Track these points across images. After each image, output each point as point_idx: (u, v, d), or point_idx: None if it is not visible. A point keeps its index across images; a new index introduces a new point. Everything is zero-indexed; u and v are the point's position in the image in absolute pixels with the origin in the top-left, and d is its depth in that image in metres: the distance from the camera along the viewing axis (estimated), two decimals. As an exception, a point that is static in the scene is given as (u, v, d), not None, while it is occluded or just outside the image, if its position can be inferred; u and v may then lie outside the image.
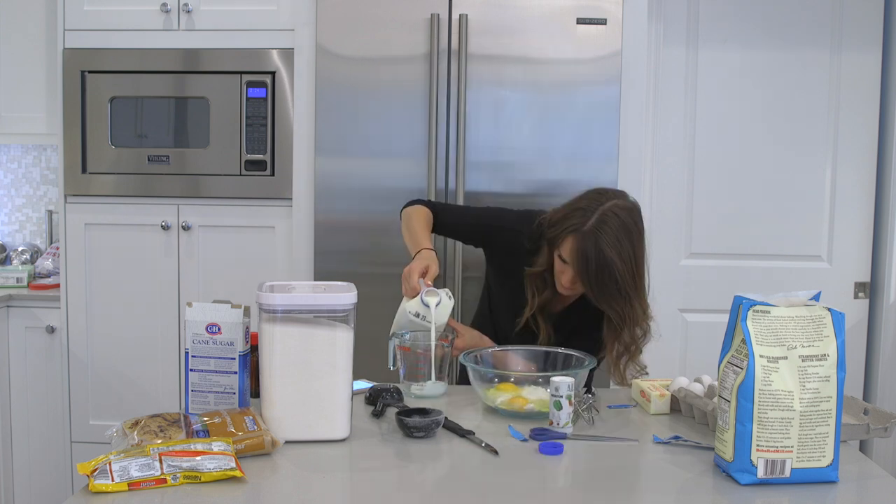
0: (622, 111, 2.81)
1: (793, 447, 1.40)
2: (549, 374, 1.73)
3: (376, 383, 1.89)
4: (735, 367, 1.43)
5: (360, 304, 1.61)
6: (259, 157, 2.98)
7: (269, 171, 2.99)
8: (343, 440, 1.60)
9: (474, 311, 2.36)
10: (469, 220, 2.20)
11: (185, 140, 3.02)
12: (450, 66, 2.79)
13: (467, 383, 1.91)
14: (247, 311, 1.69)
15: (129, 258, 3.05)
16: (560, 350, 1.94)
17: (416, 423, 1.62)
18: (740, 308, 1.44)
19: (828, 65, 3.15)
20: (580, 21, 2.77)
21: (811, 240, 3.22)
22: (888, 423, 1.61)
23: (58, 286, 3.13)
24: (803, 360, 1.40)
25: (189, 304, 1.70)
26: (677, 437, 1.64)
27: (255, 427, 1.51)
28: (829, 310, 1.44)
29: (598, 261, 1.85)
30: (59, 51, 3.01)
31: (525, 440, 1.62)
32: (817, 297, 1.48)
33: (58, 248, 3.27)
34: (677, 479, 1.47)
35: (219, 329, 1.67)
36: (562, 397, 1.65)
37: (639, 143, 2.87)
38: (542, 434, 1.63)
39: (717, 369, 1.49)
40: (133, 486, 1.32)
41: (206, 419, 1.53)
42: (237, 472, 1.37)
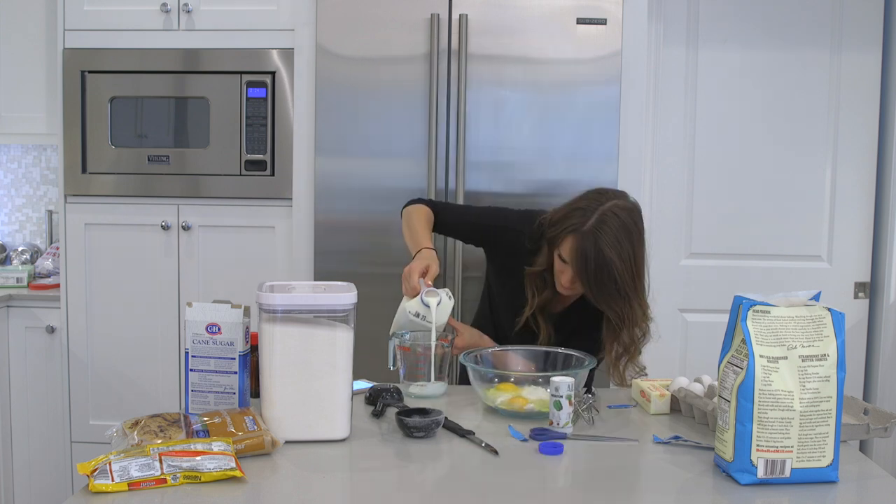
0: (622, 111, 2.81)
1: (793, 447, 1.40)
2: (549, 374, 1.73)
3: (376, 383, 1.89)
4: (735, 367, 1.43)
5: (360, 304, 1.61)
6: (259, 157, 2.98)
7: (269, 171, 2.99)
8: (343, 440, 1.60)
9: (474, 311, 2.36)
10: (470, 220, 2.20)
11: (185, 140, 3.02)
12: (450, 66, 2.79)
13: (467, 383, 1.91)
14: (247, 311, 1.69)
15: (129, 258, 3.06)
16: (560, 350, 1.94)
17: (416, 423, 1.62)
18: (740, 308, 1.44)
19: (828, 65, 3.16)
20: (580, 21, 2.77)
21: (811, 240, 3.22)
22: (888, 423, 1.61)
23: (58, 286, 3.13)
24: (803, 360, 1.40)
25: (189, 304, 1.70)
26: (677, 437, 1.64)
27: (255, 427, 1.51)
28: (829, 310, 1.44)
29: (598, 261, 1.85)
30: (59, 51, 3.01)
31: (525, 440, 1.62)
32: (817, 297, 1.48)
33: (58, 248, 3.27)
34: (677, 479, 1.47)
35: (219, 329, 1.67)
36: (562, 397, 1.65)
37: (639, 143, 2.87)
38: (542, 434, 1.63)
39: (717, 369, 1.49)
40: (133, 486, 1.32)
41: (206, 419, 1.53)
42: (237, 472, 1.37)
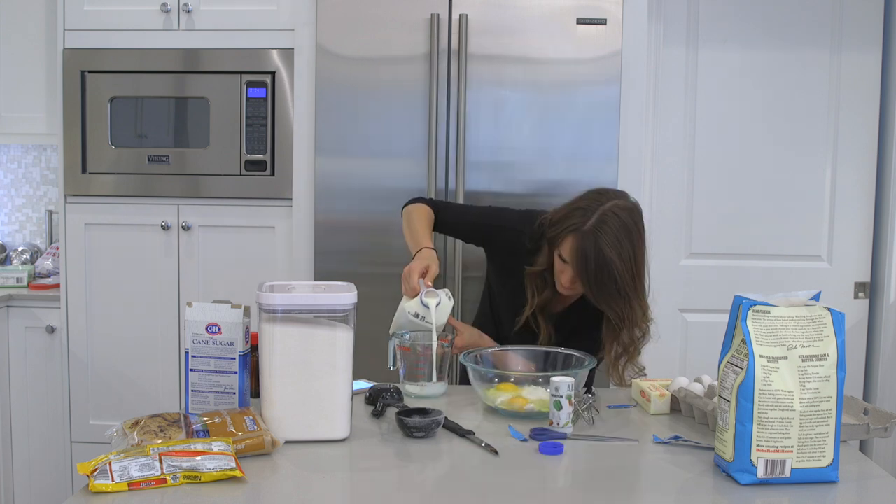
0: (622, 111, 2.81)
1: (793, 447, 1.40)
2: (549, 374, 1.73)
3: (376, 383, 1.89)
4: (735, 367, 1.43)
5: (360, 304, 1.61)
6: (259, 157, 2.98)
7: (269, 171, 2.99)
8: (343, 440, 1.60)
9: (474, 311, 2.36)
10: (470, 219, 2.20)
11: (185, 140, 3.02)
12: (450, 66, 2.79)
13: (467, 383, 1.91)
14: (247, 311, 1.69)
15: (129, 258, 3.05)
16: (560, 350, 1.94)
17: (416, 423, 1.62)
18: (740, 308, 1.44)
19: (828, 65, 3.16)
20: (580, 21, 2.77)
21: (811, 240, 3.22)
22: (888, 423, 1.61)
23: (58, 286, 3.13)
24: (803, 360, 1.40)
25: (189, 304, 1.70)
26: (677, 437, 1.64)
27: (255, 427, 1.51)
28: (829, 310, 1.44)
29: (598, 260, 1.85)
30: (59, 51, 3.01)
31: (525, 440, 1.62)
32: (817, 297, 1.48)
33: (58, 248, 3.27)
34: (677, 479, 1.47)
35: (219, 329, 1.67)
36: (562, 397, 1.65)
37: (639, 143, 2.87)
38: (542, 434, 1.63)
39: (717, 369, 1.49)
40: (133, 486, 1.32)
41: (206, 419, 1.53)
42: (237, 472, 1.37)
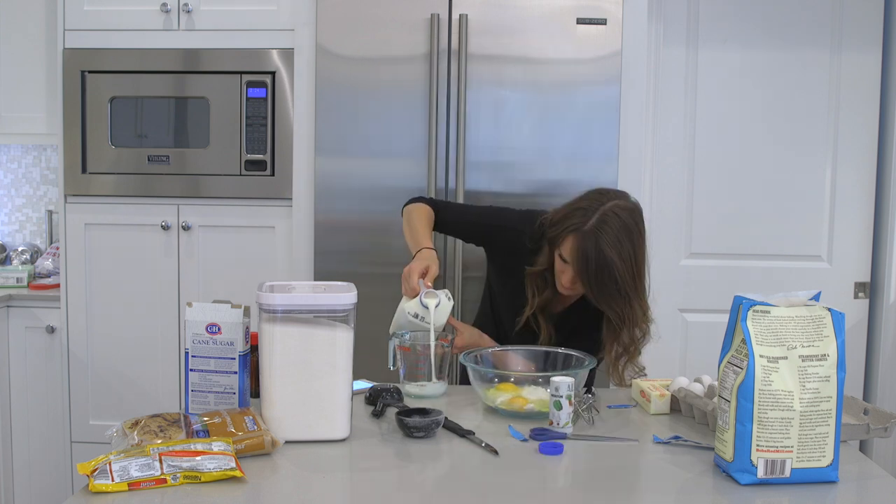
0: (622, 111, 2.81)
1: (793, 447, 1.40)
2: (549, 374, 1.73)
3: (376, 383, 1.89)
4: (735, 367, 1.43)
5: (360, 304, 1.61)
6: (259, 157, 2.98)
7: (269, 171, 2.99)
8: (343, 440, 1.60)
9: (474, 311, 2.36)
10: (470, 219, 2.20)
11: (185, 140, 3.02)
12: (450, 66, 2.79)
13: (467, 383, 1.91)
14: (247, 311, 1.69)
15: (129, 258, 3.05)
16: (560, 350, 1.94)
17: (416, 423, 1.61)
18: (740, 308, 1.44)
19: (828, 65, 3.15)
20: (580, 21, 2.77)
21: (811, 240, 3.22)
22: (888, 423, 1.61)
23: (58, 286, 3.13)
24: (803, 360, 1.40)
25: (189, 304, 1.70)
26: (677, 437, 1.64)
27: (255, 427, 1.51)
28: (829, 310, 1.43)
29: (598, 260, 1.85)
30: (59, 51, 3.01)
31: (525, 440, 1.62)
32: (817, 297, 1.48)
33: (58, 248, 3.27)
34: (677, 479, 1.47)
35: (219, 329, 1.67)
36: (562, 397, 1.65)
37: (639, 143, 2.87)
38: (542, 434, 1.63)
39: (717, 369, 1.49)
40: (133, 486, 1.32)
41: (206, 419, 1.53)
42: (237, 472, 1.37)
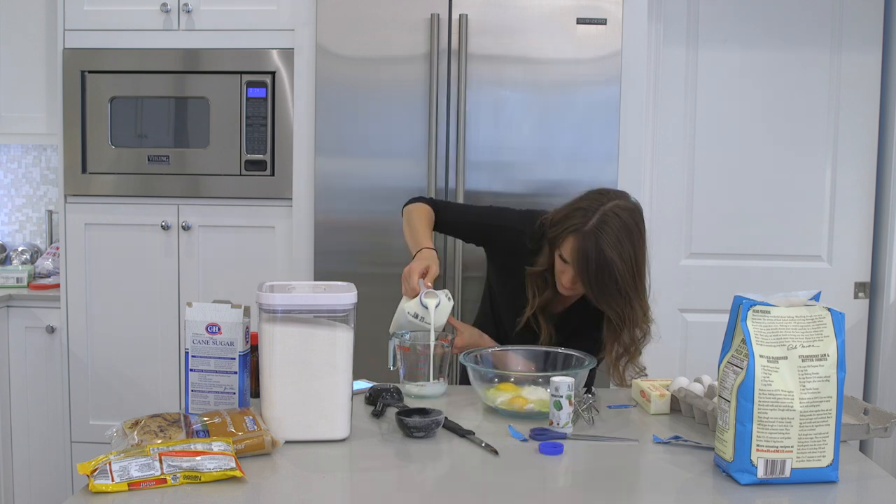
0: (622, 111, 2.81)
1: (793, 447, 1.40)
2: (549, 374, 1.73)
3: (376, 383, 1.89)
4: (735, 367, 1.43)
5: (360, 304, 1.61)
6: (259, 157, 2.98)
7: (269, 171, 2.99)
8: (343, 440, 1.60)
9: (474, 311, 2.36)
10: (471, 219, 2.20)
11: (185, 140, 3.02)
12: (450, 66, 2.79)
13: (467, 383, 1.91)
14: (247, 311, 1.69)
15: (129, 258, 3.05)
16: (560, 350, 1.94)
17: (416, 423, 1.61)
18: (740, 308, 1.44)
19: (828, 65, 3.15)
20: (580, 21, 2.77)
21: (811, 240, 3.22)
22: (888, 423, 1.61)
23: (58, 286, 3.13)
24: (803, 360, 1.40)
25: (189, 304, 1.70)
26: (677, 437, 1.64)
27: (255, 427, 1.51)
28: (829, 310, 1.43)
29: (599, 261, 1.85)
30: (59, 51, 3.01)
31: (525, 440, 1.62)
32: (817, 297, 1.48)
33: (58, 248, 3.27)
34: (677, 479, 1.47)
35: (219, 329, 1.67)
36: (562, 397, 1.65)
37: (639, 143, 2.87)
38: (542, 434, 1.63)
39: (717, 369, 1.49)
40: (133, 486, 1.32)
41: (206, 419, 1.53)
42: (237, 472, 1.37)
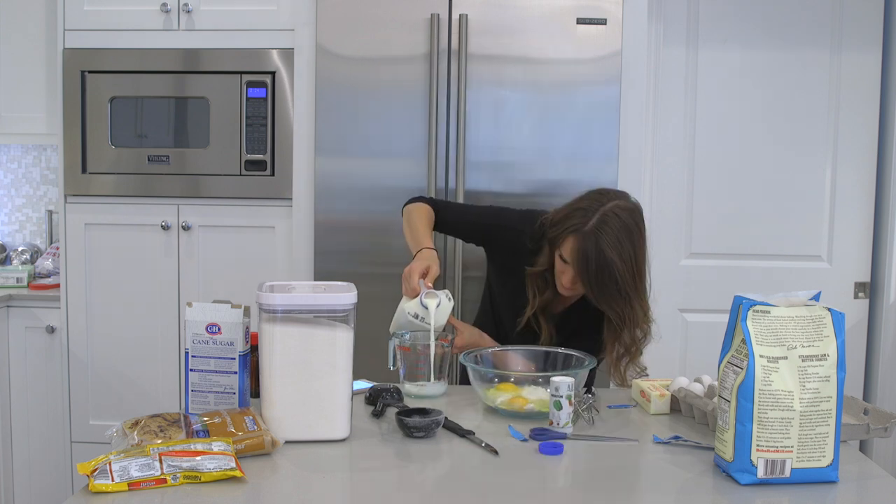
0: (622, 111, 2.81)
1: (793, 447, 1.40)
2: (549, 374, 1.73)
3: (376, 383, 1.89)
4: (735, 367, 1.43)
5: (360, 304, 1.61)
6: (259, 157, 2.98)
7: (269, 171, 2.99)
8: (343, 440, 1.60)
9: (474, 311, 2.36)
10: (471, 219, 2.20)
11: (185, 140, 3.02)
12: (450, 66, 2.79)
13: (467, 383, 1.91)
14: (247, 311, 1.69)
15: (129, 258, 3.05)
16: (560, 350, 1.94)
17: (416, 423, 1.61)
18: (740, 308, 1.44)
19: (828, 65, 3.15)
20: (580, 21, 2.77)
21: (811, 240, 3.22)
22: (888, 423, 1.61)
23: (58, 286, 3.13)
24: (803, 360, 1.40)
25: (189, 304, 1.70)
26: (677, 437, 1.64)
27: (255, 427, 1.51)
28: (829, 310, 1.44)
29: (599, 261, 1.85)
30: (59, 51, 3.01)
31: (525, 440, 1.62)
32: (817, 297, 1.48)
33: (58, 248, 3.27)
34: (677, 479, 1.47)
35: (219, 329, 1.67)
36: (562, 397, 1.65)
37: (639, 143, 2.87)
38: (542, 434, 1.63)
39: (717, 369, 1.49)
40: (133, 486, 1.32)
41: (206, 419, 1.53)
42: (237, 472, 1.37)
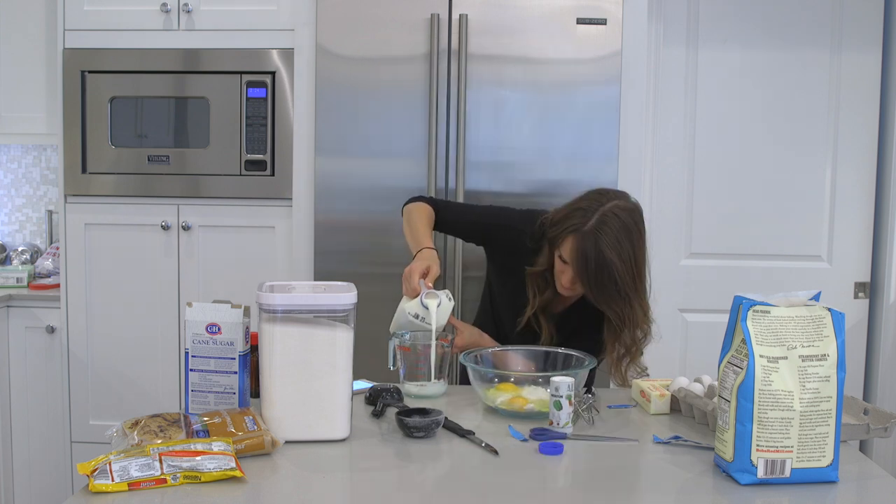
0: (622, 111, 2.81)
1: (793, 447, 1.40)
2: (549, 374, 1.73)
3: (376, 383, 1.89)
4: (735, 367, 1.43)
5: (360, 304, 1.61)
6: (259, 157, 2.98)
7: (269, 171, 2.99)
8: (343, 440, 1.60)
9: (474, 311, 2.36)
10: (471, 218, 2.20)
11: (185, 140, 3.02)
12: (450, 66, 2.79)
13: (467, 383, 1.91)
14: (247, 311, 1.69)
15: (129, 258, 3.05)
16: (560, 350, 1.94)
17: (416, 423, 1.62)
18: (740, 308, 1.44)
19: (828, 65, 3.15)
20: (580, 21, 2.77)
21: (811, 240, 3.22)
22: (888, 423, 1.61)
23: (58, 286, 3.13)
24: (803, 360, 1.40)
25: (189, 304, 1.70)
26: (677, 437, 1.64)
27: (255, 427, 1.51)
28: (829, 310, 1.44)
29: (598, 261, 1.85)
30: (59, 51, 3.01)
31: (525, 440, 1.62)
32: (817, 297, 1.48)
33: (58, 248, 3.27)
34: (677, 479, 1.47)
35: (219, 329, 1.67)
36: (562, 397, 1.65)
37: (639, 143, 2.87)
38: (542, 434, 1.63)
39: (717, 369, 1.49)
40: (133, 486, 1.32)
41: (206, 419, 1.53)
42: (237, 472, 1.37)
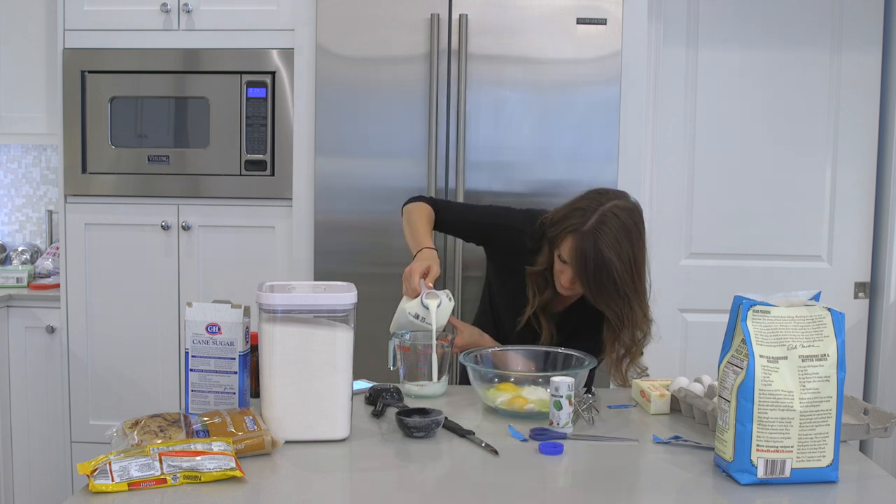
0: (622, 111, 2.81)
1: (793, 447, 1.40)
2: (549, 374, 1.73)
3: (376, 383, 1.89)
4: (735, 367, 1.43)
5: (360, 304, 1.61)
6: (259, 157, 2.98)
7: (269, 171, 2.99)
8: (343, 440, 1.60)
9: (474, 311, 2.36)
10: (471, 218, 2.20)
11: (185, 140, 3.02)
12: (450, 66, 2.79)
13: (467, 383, 1.91)
14: (247, 311, 1.69)
15: (129, 258, 3.06)
16: (560, 350, 1.94)
17: (416, 423, 1.62)
18: (740, 308, 1.44)
19: (828, 65, 3.15)
20: (580, 21, 2.77)
21: (811, 240, 3.22)
22: (888, 423, 1.61)
23: (58, 286, 3.13)
24: (803, 360, 1.40)
25: (189, 304, 1.70)
26: (677, 437, 1.64)
27: (255, 427, 1.51)
28: (829, 310, 1.44)
29: (597, 261, 1.85)
30: (59, 51, 3.01)
31: (525, 440, 1.62)
32: (817, 297, 1.48)
33: (58, 248, 3.27)
34: (677, 479, 1.47)
35: (219, 329, 1.67)
36: (562, 397, 1.65)
37: (639, 143, 2.87)
38: (542, 434, 1.63)
39: (717, 369, 1.49)
40: (133, 486, 1.32)
41: (206, 419, 1.53)
42: (237, 472, 1.37)
